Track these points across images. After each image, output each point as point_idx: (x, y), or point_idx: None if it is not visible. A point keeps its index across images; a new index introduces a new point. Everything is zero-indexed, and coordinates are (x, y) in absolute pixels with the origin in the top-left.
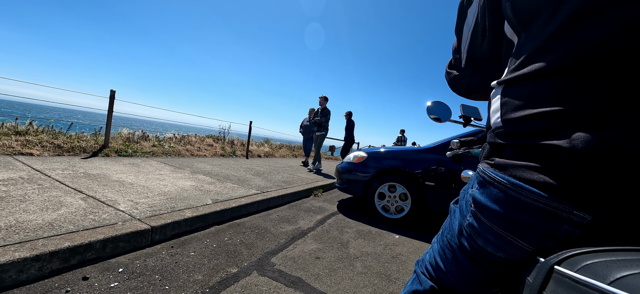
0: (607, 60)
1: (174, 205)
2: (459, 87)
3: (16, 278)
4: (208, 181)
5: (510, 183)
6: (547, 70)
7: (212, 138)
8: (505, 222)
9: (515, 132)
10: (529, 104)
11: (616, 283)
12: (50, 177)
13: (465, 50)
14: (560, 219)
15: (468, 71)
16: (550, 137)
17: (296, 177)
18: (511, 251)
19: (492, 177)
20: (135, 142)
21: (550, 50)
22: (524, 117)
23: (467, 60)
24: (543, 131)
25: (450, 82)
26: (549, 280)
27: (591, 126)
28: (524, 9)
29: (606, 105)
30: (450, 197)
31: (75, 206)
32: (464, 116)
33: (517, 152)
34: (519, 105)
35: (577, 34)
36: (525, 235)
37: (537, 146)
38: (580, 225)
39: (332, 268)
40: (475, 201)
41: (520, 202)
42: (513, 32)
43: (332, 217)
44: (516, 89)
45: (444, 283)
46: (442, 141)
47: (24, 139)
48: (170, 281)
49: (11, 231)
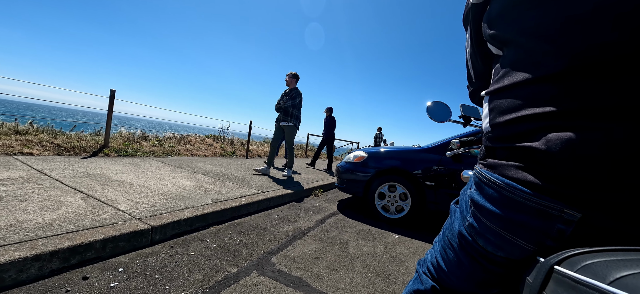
0: (578, 69)
1: (174, 205)
2: (475, 99)
3: (16, 278)
4: (208, 181)
5: (504, 183)
6: (526, 80)
7: (212, 138)
8: (503, 221)
9: (502, 135)
10: (511, 109)
11: (616, 283)
12: (50, 176)
13: (471, 68)
14: (553, 217)
15: (479, 84)
16: (530, 139)
17: (296, 177)
18: (511, 250)
19: (488, 177)
20: (135, 142)
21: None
22: (507, 121)
23: (475, 76)
24: (524, 133)
25: (470, 95)
26: (548, 280)
27: (564, 127)
28: (499, 37)
29: (578, 107)
30: (450, 197)
31: (75, 205)
32: (464, 116)
33: (506, 153)
34: (503, 110)
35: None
36: (522, 234)
37: (521, 148)
38: (572, 223)
39: (332, 268)
40: (473, 202)
41: (514, 201)
42: (497, 49)
43: (332, 217)
44: (500, 96)
45: (446, 283)
46: (442, 141)
47: (24, 138)
48: (170, 280)
49: (11, 230)
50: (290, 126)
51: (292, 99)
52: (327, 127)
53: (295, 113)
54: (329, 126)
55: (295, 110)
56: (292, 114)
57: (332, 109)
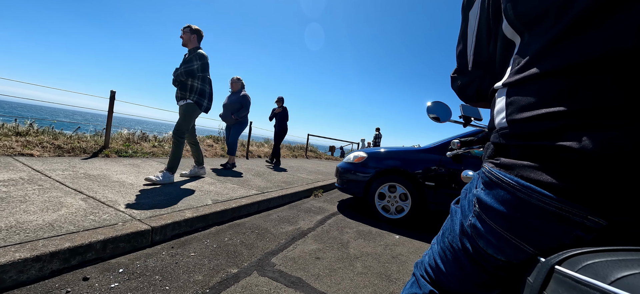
0: (619, 60)
1: (174, 205)
2: (467, 93)
3: (17, 279)
4: (208, 182)
5: (519, 184)
6: (555, 71)
7: (212, 139)
8: (512, 224)
9: (522, 132)
10: (536, 105)
11: (617, 282)
12: (51, 177)
13: (471, 53)
14: (573, 223)
15: (476, 74)
16: (559, 138)
17: (296, 177)
18: (513, 254)
19: (500, 178)
20: (135, 143)
21: (558, 51)
22: (530, 118)
23: (474, 64)
24: (551, 131)
25: (458, 89)
26: (549, 280)
27: (602, 126)
28: (528, 11)
29: (618, 105)
30: (450, 197)
31: (76, 206)
32: (464, 116)
33: (524, 152)
34: (525, 105)
35: (587, 35)
36: (532, 239)
37: (545, 147)
38: (594, 230)
39: (332, 268)
40: (480, 202)
41: (529, 204)
42: (514, 33)
43: (332, 217)
44: (522, 89)
45: (444, 285)
46: (442, 141)
47: (25, 140)
48: (170, 281)
49: (12, 231)
50: (188, 103)
51: (186, 64)
52: (280, 119)
53: (196, 86)
54: (283, 118)
55: (196, 81)
56: (192, 88)
57: (283, 99)
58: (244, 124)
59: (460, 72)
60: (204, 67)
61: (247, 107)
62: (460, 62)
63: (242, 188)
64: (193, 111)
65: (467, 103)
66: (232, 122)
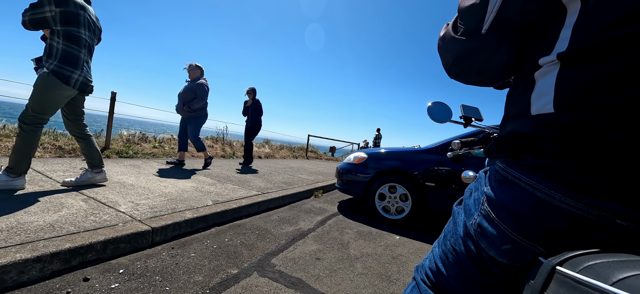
0: None
1: (175, 206)
2: (467, 64)
3: (17, 279)
4: (208, 182)
5: (541, 184)
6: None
7: (212, 139)
8: (524, 226)
9: (574, 121)
10: (600, 89)
11: (618, 284)
12: (52, 178)
13: (495, 8)
14: (598, 227)
15: (491, 40)
16: (619, 130)
17: (297, 178)
18: (517, 256)
19: (518, 176)
20: (136, 144)
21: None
22: (595, 106)
23: (493, 24)
24: (613, 122)
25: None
26: (550, 281)
27: None
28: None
29: None
30: (450, 197)
31: (76, 207)
32: (464, 116)
33: (562, 147)
34: (586, 88)
35: None
36: (545, 241)
37: (595, 142)
38: (621, 234)
39: (332, 269)
40: (490, 200)
41: (550, 206)
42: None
43: (333, 218)
44: (584, 67)
45: (446, 289)
46: (443, 142)
47: None
48: (170, 282)
49: (12, 232)
50: (43, 75)
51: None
52: (253, 114)
53: (56, 47)
54: (256, 112)
55: (56, 38)
56: (52, 52)
57: (255, 90)
58: (201, 118)
59: (468, 34)
60: (68, 15)
61: (202, 98)
62: (469, 19)
63: (243, 189)
64: (51, 85)
65: (459, 79)
66: (186, 115)
